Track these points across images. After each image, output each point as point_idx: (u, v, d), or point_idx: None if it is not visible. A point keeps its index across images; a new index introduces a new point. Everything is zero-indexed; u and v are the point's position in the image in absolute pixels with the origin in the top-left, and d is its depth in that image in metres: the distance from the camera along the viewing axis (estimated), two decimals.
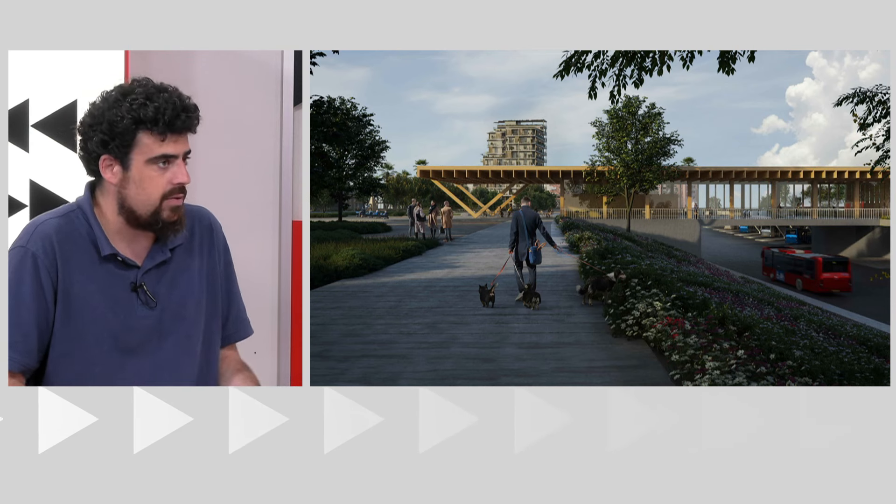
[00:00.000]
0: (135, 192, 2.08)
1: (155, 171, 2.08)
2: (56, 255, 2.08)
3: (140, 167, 2.07)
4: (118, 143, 2.05)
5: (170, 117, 2.04)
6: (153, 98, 2.05)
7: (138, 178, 2.07)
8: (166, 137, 2.06)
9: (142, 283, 2.14)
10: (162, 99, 2.05)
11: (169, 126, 2.05)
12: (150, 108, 2.03)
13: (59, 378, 2.12)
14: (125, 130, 2.04)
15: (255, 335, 2.48)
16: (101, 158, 2.08)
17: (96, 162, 2.08)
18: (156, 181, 2.08)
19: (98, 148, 2.06)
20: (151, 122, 2.04)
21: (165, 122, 2.04)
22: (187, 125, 2.09)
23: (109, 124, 2.04)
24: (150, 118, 2.03)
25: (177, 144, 2.08)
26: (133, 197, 2.09)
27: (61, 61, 3.08)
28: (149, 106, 2.03)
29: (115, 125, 2.04)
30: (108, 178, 2.09)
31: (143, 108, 2.03)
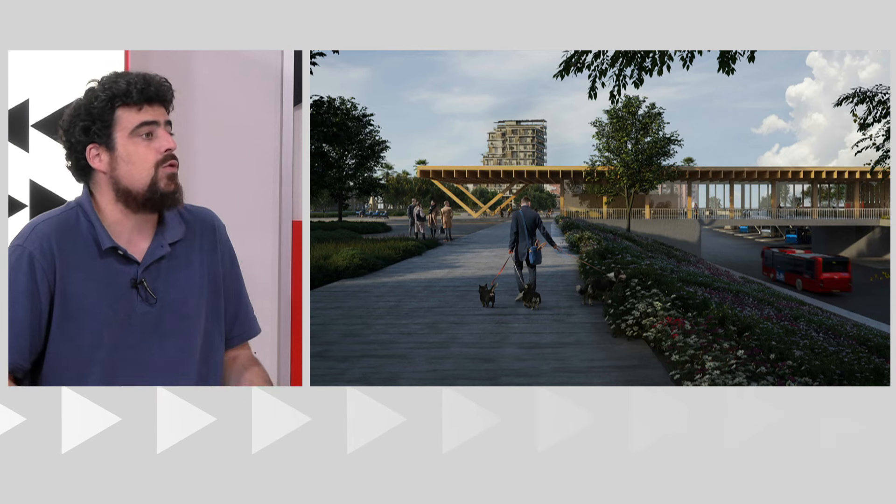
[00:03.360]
0: (126, 169, 2.12)
1: (140, 144, 2.13)
2: (54, 255, 2.08)
3: (125, 143, 2.12)
4: (99, 125, 2.11)
5: (142, 86, 2.12)
6: (123, 76, 2.14)
7: (126, 155, 2.12)
8: (143, 107, 2.13)
9: (142, 279, 2.14)
10: (131, 75, 2.14)
11: (142, 94, 2.12)
12: (121, 82, 2.12)
13: (56, 376, 2.12)
14: (102, 110, 2.11)
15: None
16: (88, 149, 2.12)
17: (84, 156, 2.12)
18: (143, 153, 2.13)
19: (82, 136, 2.11)
20: (125, 95, 2.11)
21: (138, 90, 2.12)
22: (161, 94, 2.15)
23: (87, 109, 2.11)
24: (122, 91, 2.11)
25: (155, 112, 2.14)
26: (126, 175, 2.12)
27: (61, 61, 3.08)
28: (120, 81, 2.12)
29: (93, 107, 2.11)
30: (97, 167, 2.13)
31: (115, 84, 2.12)
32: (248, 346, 2.42)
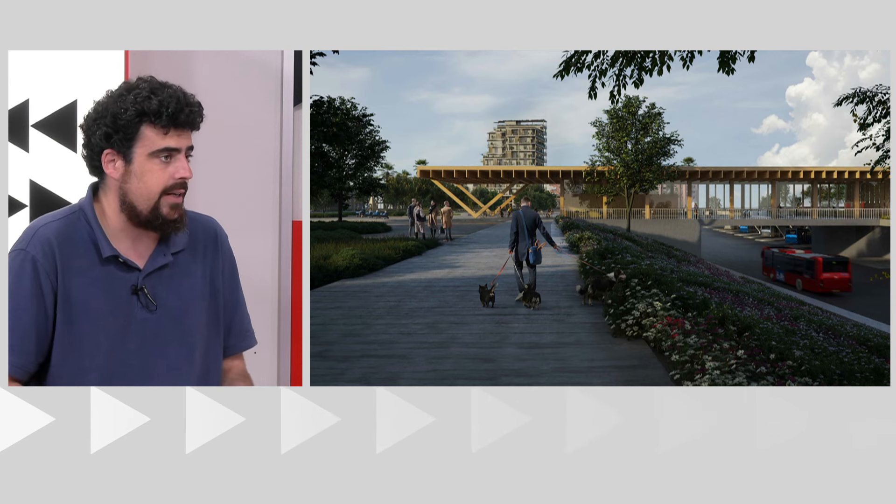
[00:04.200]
0: (136, 186, 2.08)
1: (157, 165, 2.08)
2: (56, 259, 2.07)
3: (142, 161, 2.07)
4: (121, 136, 2.06)
5: (173, 110, 2.05)
6: (157, 92, 2.06)
7: (140, 172, 2.08)
8: (169, 131, 2.07)
9: (143, 286, 2.13)
10: (166, 93, 2.07)
11: (172, 119, 2.06)
12: (153, 101, 2.04)
13: (58, 379, 2.11)
14: (128, 123, 2.05)
15: (256, 335, 2.48)
16: (104, 153, 2.08)
17: (99, 157, 2.09)
18: (157, 175, 2.08)
19: (101, 141, 2.07)
20: (155, 115, 2.05)
21: (169, 114, 2.05)
22: (190, 120, 2.09)
23: (113, 117, 2.05)
24: (153, 111, 2.04)
25: (179, 139, 2.09)
26: (134, 191, 2.09)
27: (61, 61, 3.08)
28: (153, 99, 2.05)
29: (119, 117, 2.05)
30: (110, 172, 2.09)
31: (147, 101, 2.04)
32: (243, 357, 2.40)
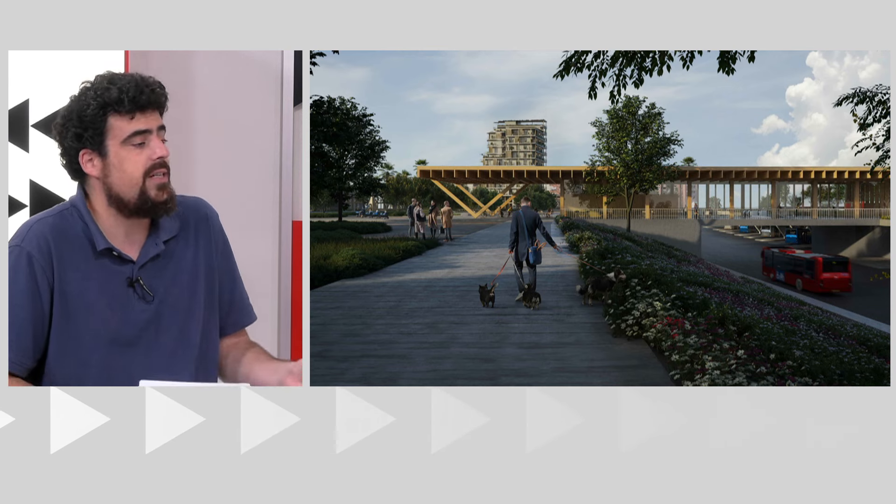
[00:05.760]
0: (118, 176, 2.12)
1: (132, 152, 2.11)
2: (51, 254, 2.09)
3: (117, 150, 2.11)
4: (91, 132, 2.10)
5: (134, 94, 2.09)
6: (115, 81, 2.11)
7: (117, 162, 2.11)
8: (135, 115, 2.11)
9: (138, 277, 2.15)
10: (124, 80, 2.11)
11: (134, 102, 2.10)
12: (113, 90, 2.09)
13: (57, 375, 2.13)
14: (94, 117, 2.09)
15: (255, 335, 2.49)
16: (80, 154, 2.12)
17: (77, 160, 2.13)
18: (134, 161, 2.11)
19: (74, 143, 2.11)
20: (117, 103, 2.09)
21: (130, 98, 2.09)
22: (153, 100, 2.13)
23: (79, 116, 2.10)
24: (114, 99, 2.09)
25: (147, 120, 2.12)
26: (117, 182, 2.12)
27: (61, 61, 3.08)
28: (112, 88, 2.09)
29: (84, 115, 2.09)
30: (90, 172, 2.13)
31: (107, 91, 2.09)
32: (246, 332, 2.43)
